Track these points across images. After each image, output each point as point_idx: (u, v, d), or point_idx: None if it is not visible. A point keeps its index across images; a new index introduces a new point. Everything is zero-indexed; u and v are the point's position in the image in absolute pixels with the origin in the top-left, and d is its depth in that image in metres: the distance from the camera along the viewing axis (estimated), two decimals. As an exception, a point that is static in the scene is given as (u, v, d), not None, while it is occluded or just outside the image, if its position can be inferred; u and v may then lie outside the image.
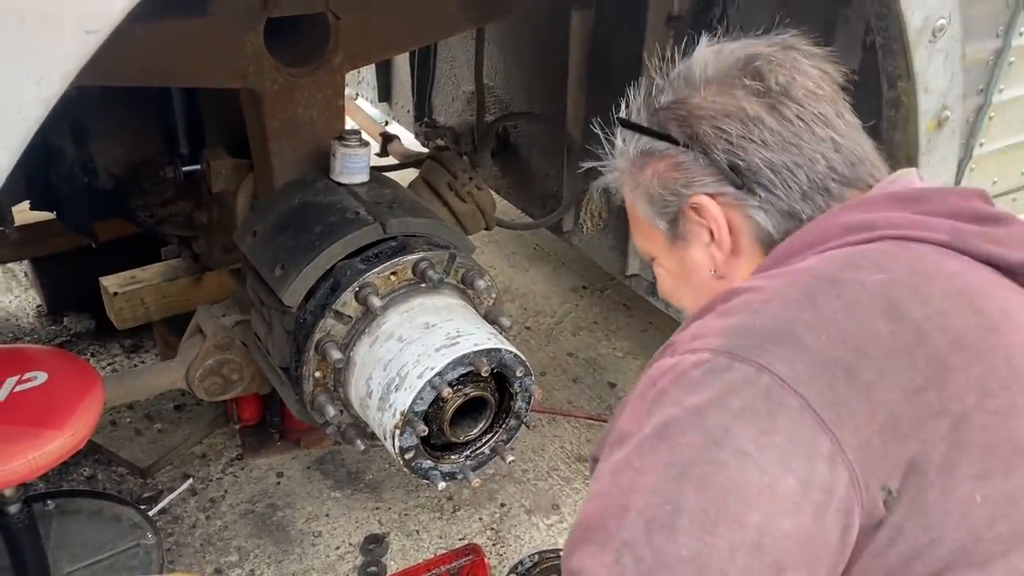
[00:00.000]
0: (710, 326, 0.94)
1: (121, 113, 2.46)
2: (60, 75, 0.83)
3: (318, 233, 1.94)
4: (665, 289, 1.22)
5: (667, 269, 1.18)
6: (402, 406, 1.69)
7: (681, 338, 0.96)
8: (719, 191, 1.05)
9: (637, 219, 1.17)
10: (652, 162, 1.10)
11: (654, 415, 0.89)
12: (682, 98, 1.07)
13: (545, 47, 3.03)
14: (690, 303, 1.17)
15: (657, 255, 1.18)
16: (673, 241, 1.13)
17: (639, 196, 1.13)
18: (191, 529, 2.50)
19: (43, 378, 1.90)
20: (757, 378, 0.85)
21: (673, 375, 0.90)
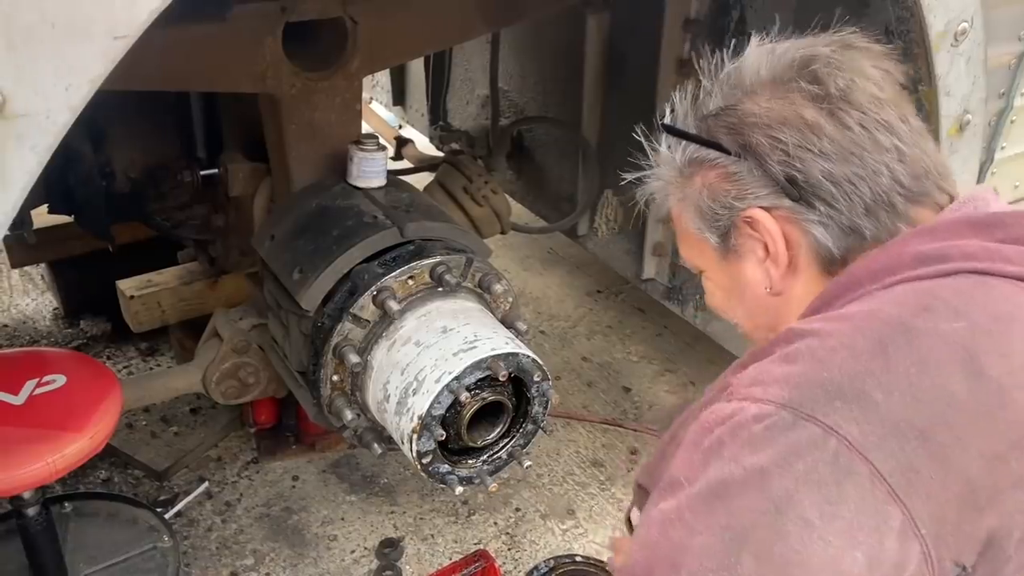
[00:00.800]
0: (772, 373, 0.87)
1: (139, 117, 2.47)
2: (88, 81, 0.84)
3: (336, 237, 1.94)
4: (715, 303, 1.15)
5: (717, 283, 1.11)
6: (420, 410, 1.69)
7: (739, 381, 0.90)
8: (775, 204, 0.98)
9: (684, 231, 1.09)
10: (701, 172, 1.02)
11: (710, 468, 0.84)
12: (733, 104, 1.00)
13: (560, 51, 3.03)
14: (743, 319, 1.11)
15: (706, 268, 1.11)
16: (724, 255, 1.05)
17: (687, 207, 1.06)
18: (207, 532, 2.51)
19: (62, 381, 1.91)
20: (824, 441, 0.79)
21: (732, 426, 0.85)
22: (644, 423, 3.05)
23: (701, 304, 2.75)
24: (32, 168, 0.83)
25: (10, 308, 3.48)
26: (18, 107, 0.81)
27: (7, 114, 0.80)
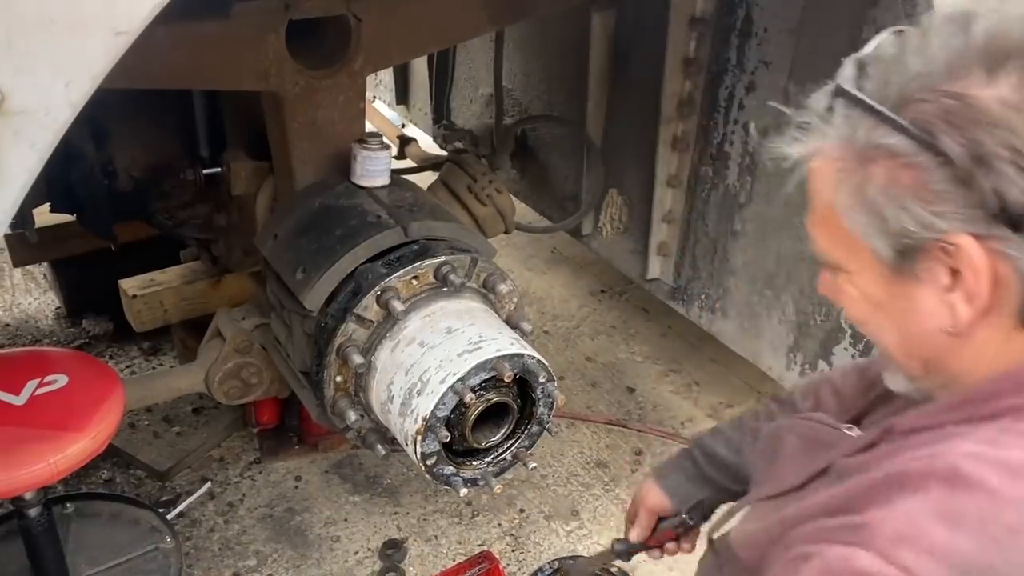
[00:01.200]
0: (930, 534, 0.71)
1: (141, 116, 2.46)
2: (90, 77, 0.82)
3: (339, 236, 1.93)
4: (856, 314, 0.92)
5: (866, 294, 0.88)
6: (424, 411, 1.67)
7: (883, 528, 0.74)
8: (987, 232, 0.74)
9: (834, 222, 0.85)
10: (887, 163, 0.77)
11: None
12: (959, 90, 0.73)
13: (565, 49, 3.01)
14: (892, 344, 0.89)
15: (854, 272, 0.88)
16: (896, 272, 0.82)
17: (851, 198, 0.82)
18: (209, 533, 2.49)
19: (64, 381, 1.89)
20: None
21: None
22: (648, 424, 3.03)
23: (706, 304, 2.73)
24: (32, 165, 0.82)
25: (12, 307, 3.47)
26: (17, 104, 0.80)
27: (6, 110, 0.79)
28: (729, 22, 2.35)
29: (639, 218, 2.90)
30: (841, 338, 2.29)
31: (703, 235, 2.67)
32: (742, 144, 2.43)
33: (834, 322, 2.30)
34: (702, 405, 3.16)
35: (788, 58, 2.22)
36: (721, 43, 2.40)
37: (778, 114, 0.86)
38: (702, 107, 2.53)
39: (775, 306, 2.47)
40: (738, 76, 2.38)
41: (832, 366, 2.34)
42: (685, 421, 3.07)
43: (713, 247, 2.64)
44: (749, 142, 2.40)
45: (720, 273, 2.65)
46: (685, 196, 2.69)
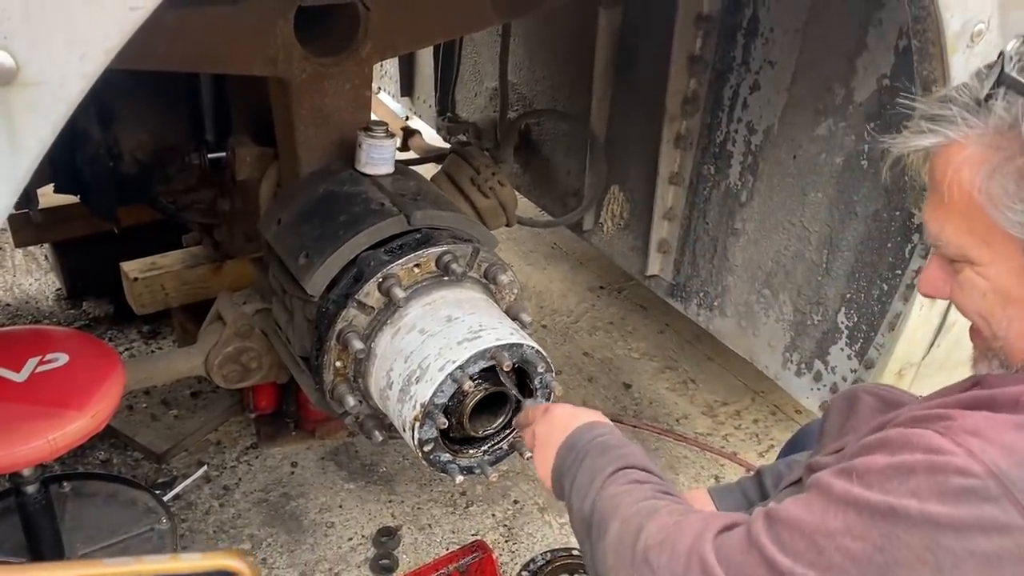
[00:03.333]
0: (1001, 434, 0.79)
1: (148, 98, 2.47)
2: (103, 51, 0.83)
3: (342, 223, 1.94)
4: (980, 307, 0.94)
5: (999, 287, 0.90)
6: (422, 398, 1.68)
7: (963, 422, 0.82)
8: None
9: (974, 211, 0.87)
10: None
11: (891, 487, 0.81)
12: None
13: (571, 44, 3.03)
14: (1015, 336, 0.92)
15: (988, 263, 0.90)
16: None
17: (1008, 186, 0.83)
18: (204, 516, 2.50)
19: (64, 359, 1.90)
20: (1021, 533, 0.75)
21: (932, 464, 0.80)
22: (644, 420, 3.04)
23: (705, 302, 2.75)
24: (45, 136, 0.83)
25: (13, 288, 3.48)
26: (32, 75, 0.80)
27: (21, 81, 0.80)
28: (735, 21, 2.37)
29: (640, 215, 2.91)
30: (838, 338, 2.31)
31: (703, 233, 2.68)
32: (744, 143, 2.44)
33: (831, 322, 2.32)
34: (698, 402, 3.17)
35: (793, 58, 2.23)
36: (727, 42, 2.41)
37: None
38: (706, 105, 2.54)
39: (773, 305, 2.49)
40: (743, 75, 2.39)
41: (828, 366, 2.36)
42: (680, 418, 3.08)
43: (713, 245, 2.66)
44: (750, 142, 2.41)
45: (719, 271, 2.66)
46: (686, 194, 2.70)
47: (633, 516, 1.06)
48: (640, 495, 1.11)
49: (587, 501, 1.15)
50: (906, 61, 1.90)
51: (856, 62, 2.07)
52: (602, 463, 1.19)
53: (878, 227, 2.13)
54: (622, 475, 1.16)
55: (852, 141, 2.13)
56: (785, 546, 0.87)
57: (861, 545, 0.81)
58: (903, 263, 2.08)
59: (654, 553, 0.99)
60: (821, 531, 0.85)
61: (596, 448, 1.23)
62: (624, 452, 1.21)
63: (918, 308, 2.06)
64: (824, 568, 0.83)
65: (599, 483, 1.16)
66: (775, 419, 3.10)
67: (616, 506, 1.10)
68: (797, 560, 0.86)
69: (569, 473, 1.24)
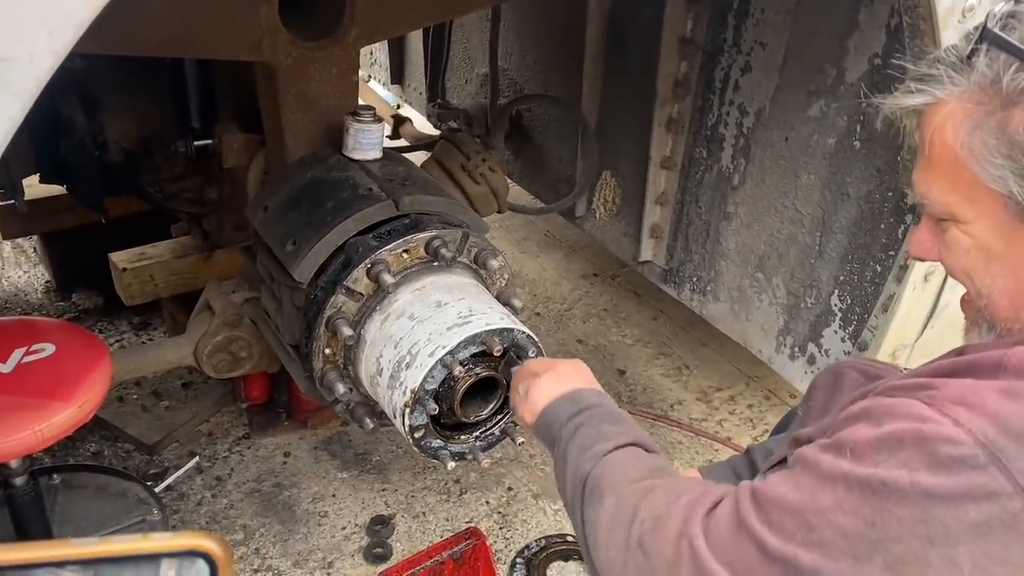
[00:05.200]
0: (986, 401, 0.79)
1: (133, 86, 2.44)
2: (73, 25, 0.81)
3: (330, 209, 1.92)
4: (965, 266, 0.95)
5: (982, 243, 0.91)
6: (413, 384, 1.67)
7: (947, 391, 0.82)
8: None
9: (958, 168, 0.88)
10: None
11: (880, 460, 0.80)
12: None
13: (561, 29, 3.00)
14: (1003, 295, 0.93)
15: (971, 221, 0.91)
16: (1023, 218, 0.87)
17: (990, 140, 0.85)
18: (197, 507, 2.49)
19: (51, 350, 1.88)
20: (1010, 500, 0.74)
21: (920, 434, 0.79)
22: (638, 406, 3.04)
23: (698, 286, 2.73)
24: (14, 114, 0.81)
25: (1, 280, 3.45)
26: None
27: (-12, 57, 0.78)
28: (726, 2, 2.34)
29: (632, 200, 2.89)
30: (831, 321, 2.30)
31: (696, 217, 2.67)
32: (736, 125, 2.42)
33: (824, 305, 2.30)
34: (692, 388, 3.16)
35: (784, 39, 2.21)
36: (718, 23, 2.39)
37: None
38: (697, 88, 2.52)
39: (766, 289, 2.48)
40: (734, 57, 2.37)
41: (822, 349, 2.35)
42: (675, 404, 3.08)
43: (706, 229, 2.64)
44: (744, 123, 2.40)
45: (712, 256, 2.64)
46: (679, 178, 2.69)
47: (630, 495, 1.07)
48: (639, 474, 1.12)
49: (588, 461, 1.15)
50: (897, 40, 1.88)
51: (847, 42, 2.05)
52: (612, 431, 1.20)
53: (871, 208, 2.11)
54: (629, 451, 1.17)
55: (844, 122, 2.12)
56: (774, 525, 0.86)
57: (852, 520, 0.80)
58: (896, 244, 2.06)
59: (648, 538, 0.99)
60: (810, 508, 0.84)
61: (607, 414, 1.25)
62: (634, 428, 1.23)
63: (911, 289, 2.05)
64: (815, 545, 0.82)
65: (604, 448, 1.16)
66: (769, 404, 3.10)
67: (616, 478, 1.11)
68: (788, 539, 0.85)
69: (572, 422, 1.24)
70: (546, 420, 1.30)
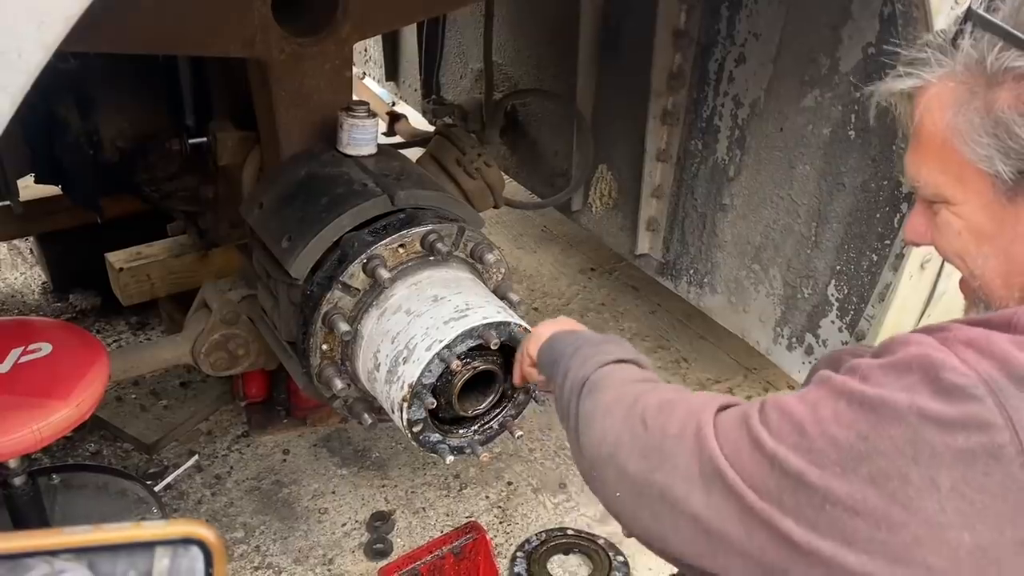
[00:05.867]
0: (996, 345, 0.81)
1: (127, 85, 2.44)
2: (62, 18, 0.80)
3: (325, 205, 1.91)
4: (956, 247, 0.96)
5: (970, 223, 0.93)
6: (410, 379, 1.67)
7: (960, 333, 0.83)
8: None
9: (947, 149, 0.90)
10: (1015, 86, 0.84)
11: (887, 379, 0.83)
12: None
13: (555, 23, 3.00)
14: (995, 274, 0.94)
15: (960, 202, 0.92)
16: (1010, 197, 0.88)
17: (975, 120, 0.86)
18: (197, 505, 2.49)
19: (48, 349, 1.88)
20: (999, 431, 0.76)
21: (925, 361, 0.81)
22: (637, 399, 3.03)
23: (695, 279, 2.73)
24: (4, 108, 0.81)
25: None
26: (-12, 45, 0.78)
27: (-23, 51, 0.77)
28: (719, -8, 2.34)
29: (628, 193, 2.89)
30: (828, 311, 2.30)
31: (692, 210, 2.67)
32: (731, 117, 2.42)
33: (821, 295, 2.30)
34: (690, 381, 3.17)
35: (778, 30, 2.21)
36: (711, 15, 2.39)
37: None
38: (692, 80, 2.52)
39: (763, 280, 2.48)
40: (728, 48, 2.37)
41: (819, 340, 2.35)
42: (673, 397, 3.07)
43: (702, 222, 2.64)
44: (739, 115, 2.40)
45: (708, 248, 2.64)
46: (674, 171, 2.68)
47: (632, 387, 1.13)
48: (642, 376, 1.20)
49: (589, 368, 1.22)
50: (891, 28, 1.88)
51: (841, 31, 2.05)
52: (613, 349, 1.27)
53: (866, 198, 2.11)
54: (628, 365, 1.24)
55: (839, 112, 2.12)
56: (771, 427, 0.89)
57: (845, 432, 0.82)
58: (892, 233, 2.06)
59: (651, 413, 1.03)
60: (809, 418, 0.86)
61: (611, 340, 1.33)
62: (635, 351, 1.30)
63: (907, 278, 2.05)
64: (804, 451, 0.84)
65: (604, 359, 1.23)
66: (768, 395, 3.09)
67: (617, 381, 1.17)
68: (780, 441, 0.87)
69: (575, 343, 1.32)
70: (551, 346, 1.38)
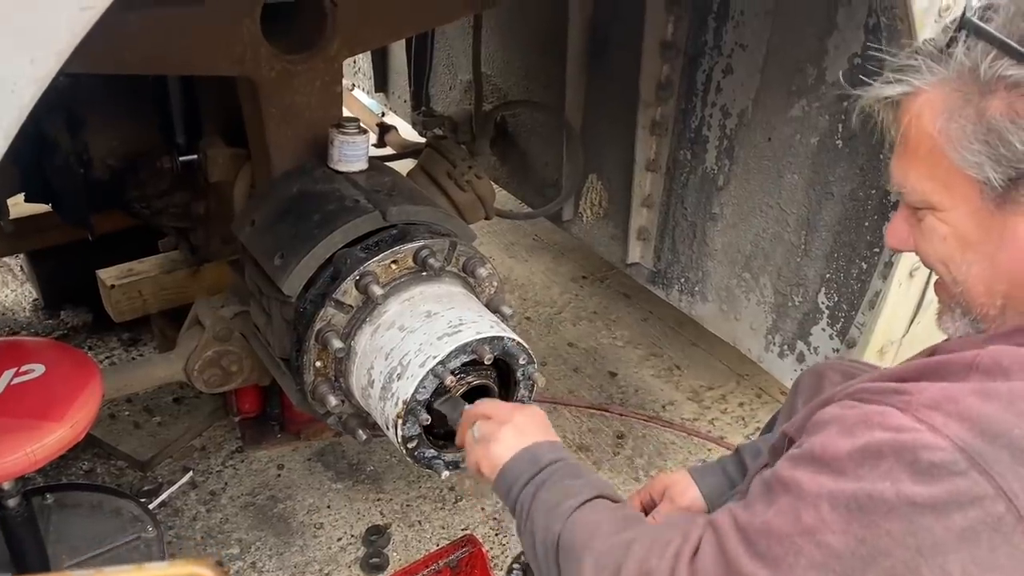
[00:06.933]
0: (961, 403, 0.79)
1: (116, 103, 2.43)
2: (55, 53, 0.81)
3: (317, 221, 1.92)
4: (941, 254, 0.95)
5: (956, 230, 0.92)
6: (404, 395, 1.67)
7: (921, 396, 0.82)
8: None
9: (936, 155, 0.90)
10: (1006, 94, 0.84)
11: (863, 473, 0.80)
12: None
13: (544, 34, 3.01)
14: (978, 281, 0.93)
15: (946, 209, 0.92)
16: (998, 204, 0.87)
17: (962, 130, 0.86)
18: (192, 522, 2.49)
19: (41, 370, 1.88)
20: (992, 502, 0.75)
21: (898, 444, 0.79)
22: (630, 408, 3.05)
23: (686, 287, 2.75)
24: (-2, 144, 0.81)
25: (-11, 300, 3.44)
26: (-19, 80, 0.79)
27: (-31, 88, 0.78)
28: (706, 5, 2.36)
29: (619, 203, 2.90)
30: (819, 319, 2.31)
31: (682, 219, 2.68)
32: (719, 127, 2.44)
33: (811, 303, 2.32)
34: (683, 388, 3.18)
35: (765, 40, 2.23)
36: (698, 26, 2.40)
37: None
38: (680, 91, 2.53)
39: (753, 288, 2.49)
40: (715, 59, 2.39)
41: (810, 347, 2.36)
42: (667, 404, 3.09)
43: (692, 231, 2.65)
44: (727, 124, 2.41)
45: (699, 256, 2.66)
46: (664, 180, 2.70)
47: (609, 552, 1.05)
48: (612, 527, 1.09)
49: (556, 521, 1.12)
50: (876, 38, 1.90)
51: (827, 42, 2.07)
52: (574, 487, 1.17)
53: (855, 206, 2.13)
54: (595, 505, 1.14)
55: (826, 121, 2.13)
56: (763, 557, 0.85)
57: (842, 539, 0.80)
58: (880, 242, 2.08)
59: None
60: (796, 531, 0.83)
61: (566, 469, 1.21)
62: (596, 479, 1.20)
63: (897, 286, 2.07)
64: (806, 568, 0.82)
65: (570, 506, 1.13)
66: (760, 402, 3.11)
67: (590, 536, 1.08)
68: (777, 567, 0.84)
69: (532, 483, 1.21)
70: (506, 478, 1.25)
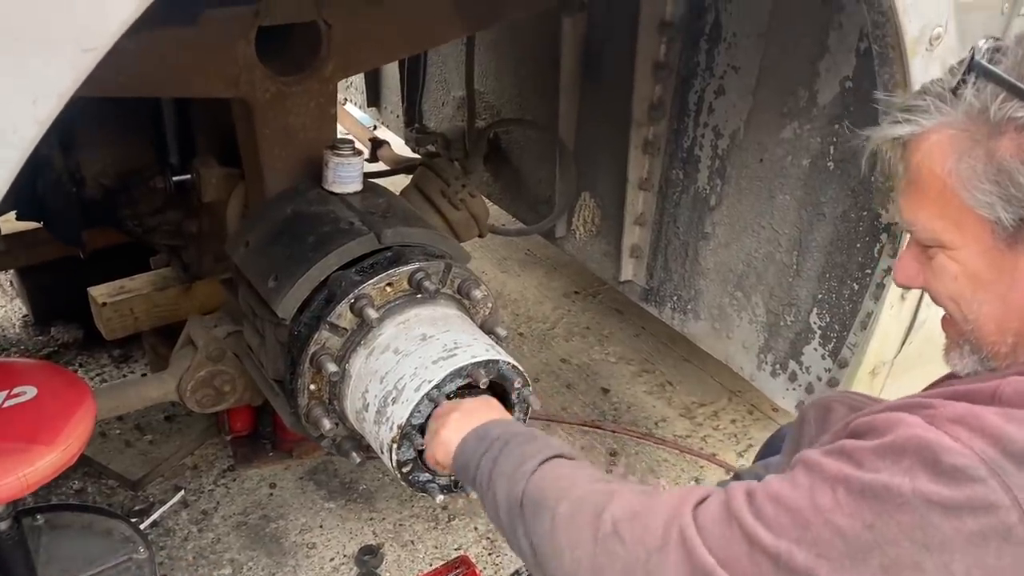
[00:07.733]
0: (984, 421, 0.81)
1: (110, 123, 2.43)
2: (57, 94, 0.81)
3: (311, 244, 1.92)
4: (952, 292, 0.97)
5: (969, 270, 0.94)
6: (399, 419, 1.67)
7: (946, 411, 0.84)
8: None
9: (947, 195, 0.91)
10: (1016, 136, 0.85)
11: (883, 466, 0.83)
12: None
13: (536, 52, 3.02)
14: (989, 320, 0.95)
15: (959, 247, 0.93)
16: (1010, 244, 0.89)
17: (977, 168, 0.88)
18: (183, 542, 2.47)
19: (32, 393, 1.86)
20: (1007, 512, 0.77)
21: (922, 443, 0.81)
22: (623, 424, 3.05)
23: (678, 306, 2.76)
24: (0, 183, 0.81)
25: (-22, 316, 3.42)
26: (-17, 122, 0.79)
27: (-28, 129, 0.78)
28: (698, 26, 2.38)
29: (611, 221, 2.91)
30: (811, 338, 2.33)
31: (674, 237, 2.69)
32: (712, 147, 2.45)
33: (803, 323, 2.33)
34: (676, 404, 3.19)
35: (757, 62, 2.24)
36: (691, 47, 2.42)
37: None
38: (672, 111, 2.55)
39: (745, 307, 2.50)
40: (707, 80, 2.40)
41: (802, 367, 2.37)
42: (659, 421, 3.09)
43: (684, 249, 2.67)
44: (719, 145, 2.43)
45: (691, 275, 2.67)
46: (656, 199, 2.71)
47: (588, 495, 1.04)
48: (589, 478, 1.09)
49: (518, 483, 1.13)
50: (867, 63, 1.92)
51: (818, 65, 2.08)
52: (531, 449, 1.18)
53: (846, 227, 2.14)
54: (557, 462, 1.15)
55: (818, 143, 2.15)
56: (768, 521, 0.87)
57: (851, 522, 0.82)
58: (872, 262, 2.10)
59: (624, 526, 0.97)
60: (808, 507, 0.85)
61: (520, 436, 1.23)
62: (552, 442, 1.22)
63: (889, 307, 2.08)
64: (809, 544, 0.83)
65: (531, 466, 1.14)
66: (752, 418, 3.12)
67: (562, 488, 1.08)
68: (781, 535, 0.85)
69: (487, 456, 1.22)
70: (462, 457, 1.30)
